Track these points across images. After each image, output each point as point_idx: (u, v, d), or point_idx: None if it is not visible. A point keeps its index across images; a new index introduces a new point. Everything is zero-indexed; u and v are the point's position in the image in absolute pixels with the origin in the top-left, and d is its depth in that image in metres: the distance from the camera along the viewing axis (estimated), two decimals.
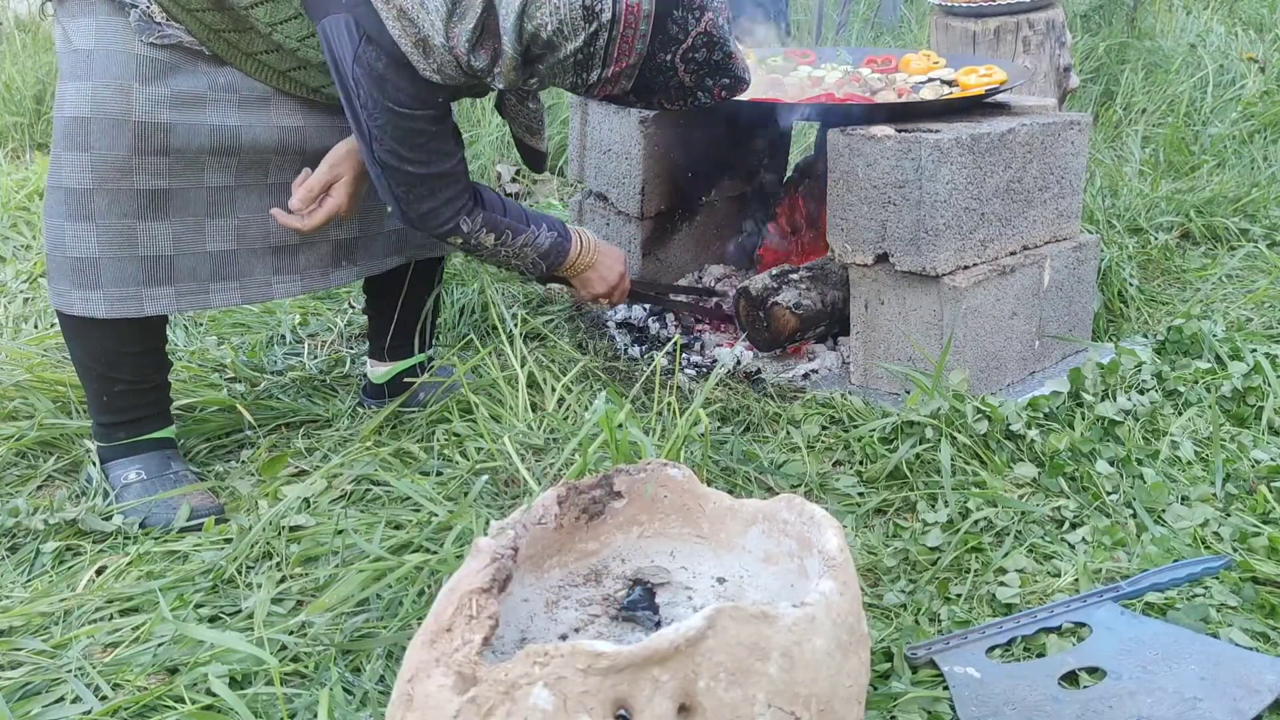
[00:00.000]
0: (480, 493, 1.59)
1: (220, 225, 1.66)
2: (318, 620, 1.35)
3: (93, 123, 1.54)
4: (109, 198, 1.57)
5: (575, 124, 2.44)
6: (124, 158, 1.55)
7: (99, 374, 1.67)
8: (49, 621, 1.39)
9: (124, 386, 1.68)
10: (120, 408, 1.69)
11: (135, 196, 1.58)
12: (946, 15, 3.29)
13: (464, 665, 0.87)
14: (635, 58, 1.53)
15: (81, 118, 1.54)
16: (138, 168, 1.56)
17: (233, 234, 1.67)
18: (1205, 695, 1.20)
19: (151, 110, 1.55)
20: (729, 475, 1.66)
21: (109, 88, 1.53)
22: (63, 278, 1.60)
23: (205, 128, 1.58)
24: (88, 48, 1.54)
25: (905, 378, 1.94)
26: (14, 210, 3.14)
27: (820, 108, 2.14)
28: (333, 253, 1.78)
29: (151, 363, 1.71)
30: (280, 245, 1.72)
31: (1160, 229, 2.91)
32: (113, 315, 1.61)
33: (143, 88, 1.54)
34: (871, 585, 1.46)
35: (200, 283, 1.67)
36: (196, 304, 1.67)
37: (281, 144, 1.65)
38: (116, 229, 1.58)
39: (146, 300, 1.63)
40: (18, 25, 4.62)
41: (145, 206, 1.59)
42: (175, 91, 1.56)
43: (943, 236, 1.88)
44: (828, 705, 0.91)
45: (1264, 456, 1.71)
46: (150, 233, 1.61)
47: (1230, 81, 4.16)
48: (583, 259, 1.87)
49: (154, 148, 1.56)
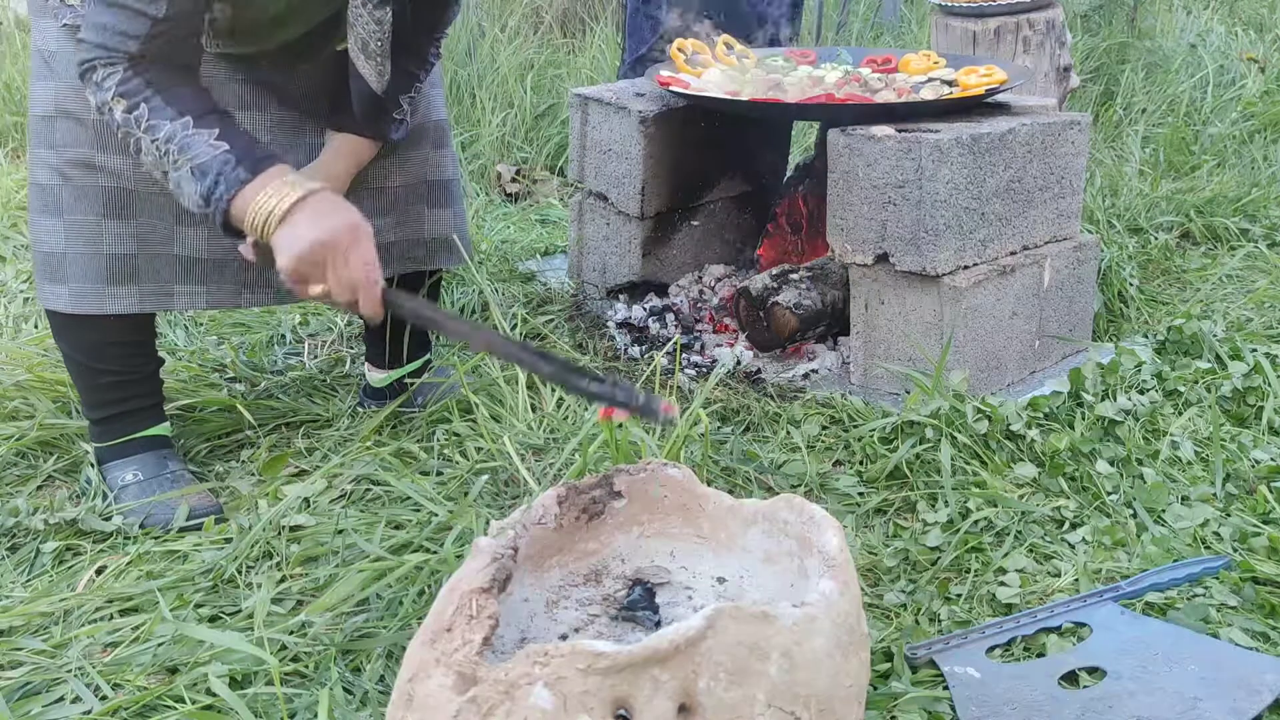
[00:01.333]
0: (480, 493, 1.59)
1: (190, 233, 1.65)
2: (318, 620, 1.35)
3: (56, 121, 1.57)
4: (74, 194, 1.59)
5: (575, 124, 2.44)
6: (86, 155, 1.57)
7: (84, 366, 1.69)
8: (49, 621, 1.39)
9: (110, 378, 1.69)
10: (109, 400, 1.70)
11: (100, 194, 1.60)
12: (946, 15, 3.29)
13: (464, 665, 0.87)
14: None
15: (47, 116, 1.58)
16: (100, 166, 1.58)
17: (203, 242, 1.66)
18: (1205, 695, 1.20)
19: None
20: (729, 475, 1.66)
21: (70, 87, 1.54)
22: (37, 271, 1.65)
23: None
24: (51, 49, 1.57)
25: (905, 378, 1.94)
26: (14, 210, 3.13)
27: (820, 108, 2.14)
28: None
29: (138, 354, 1.72)
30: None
31: (1160, 229, 2.91)
32: (76, 310, 1.62)
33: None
34: (871, 585, 1.46)
35: (164, 284, 1.67)
36: (160, 305, 1.67)
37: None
38: (81, 225, 1.60)
39: (108, 298, 1.63)
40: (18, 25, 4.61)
41: (109, 205, 1.60)
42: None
43: (943, 236, 1.88)
44: (828, 705, 0.91)
45: (1264, 456, 1.71)
46: (115, 231, 1.62)
47: (1230, 81, 4.15)
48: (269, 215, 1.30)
49: (115, 147, 1.57)
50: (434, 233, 1.83)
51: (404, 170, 1.77)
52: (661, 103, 2.29)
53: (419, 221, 1.81)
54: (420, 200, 1.80)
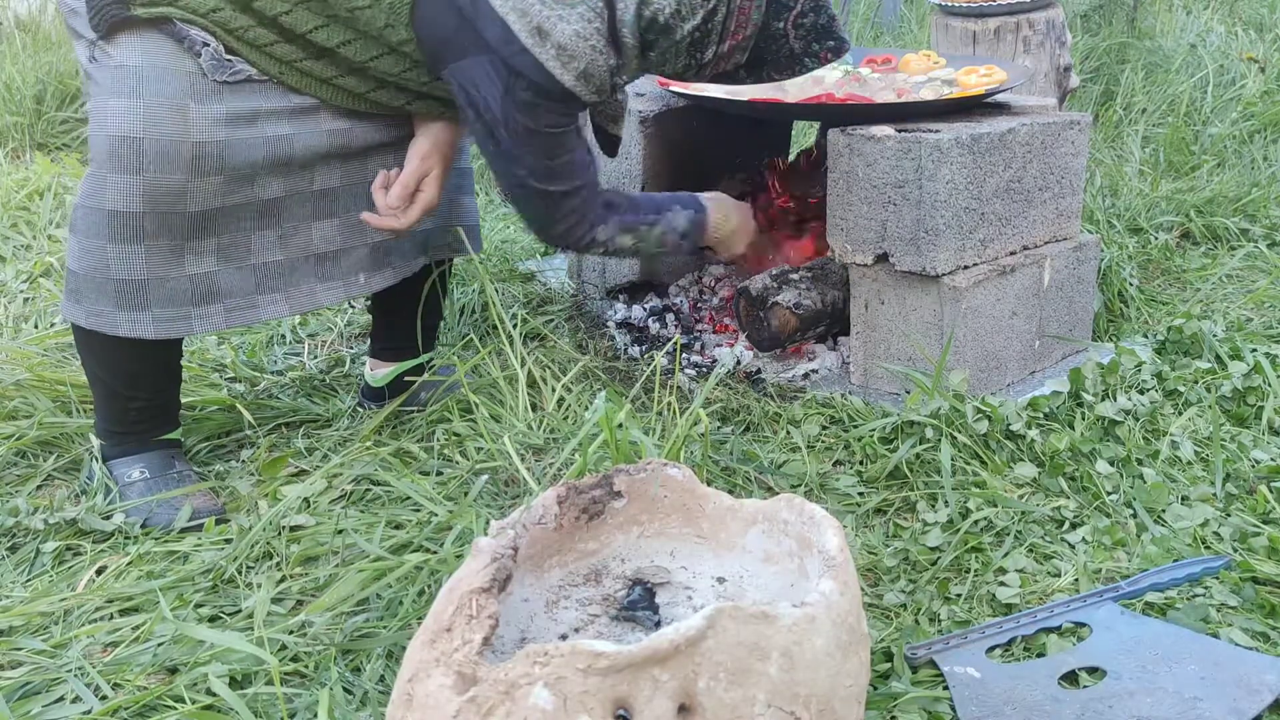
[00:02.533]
0: (480, 493, 1.59)
1: (266, 237, 1.63)
2: (318, 620, 1.35)
3: (145, 143, 1.48)
4: (159, 221, 1.52)
5: None
6: (179, 181, 1.51)
7: (116, 392, 1.66)
8: (49, 621, 1.39)
9: (141, 404, 1.67)
10: (133, 421, 1.68)
11: (187, 218, 1.54)
12: (946, 15, 3.29)
13: (464, 665, 0.87)
14: (751, 29, 1.52)
15: (132, 137, 1.48)
16: (193, 191, 1.52)
17: (277, 244, 1.65)
18: (1205, 695, 1.20)
19: (208, 130, 1.50)
20: (729, 475, 1.66)
21: (163, 106, 1.48)
22: (104, 299, 1.55)
23: (260, 140, 1.55)
24: (133, 64, 1.49)
25: (905, 378, 1.95)
26: (14, 210, 3.13)
27: (820, 108, 2.14)
28: (370, 256, 1.75)
29: (168, 381, 1.71)
30: (323, 252, 1.69)
31: (1160, 229, 2.91)
32: (161, 335, 1.59)
33: (199, 106, 1.50)
34: (871, 585, 1.46)
35: (246, 296, 1.64)
36: (245, 319, 1.65)
37: (330, 148, 1.63)
38: (165, 250, 1.55)
39: (196, 319, 1.60)
40: (18, 25, 4.61)
41: (196, 226, 1.56)
42: (230, 108, 1.52)
43: (943, 236, 1.88)
44: (828, 705, 0.91)
45: (1264, 456, 1.71)
46: (198, 250, 1.57)
47: (1230, 81, 4.15)
48: (723, 225, 1.87)
49: (210, 168, 1.52)
50: (462, 220, 1.87)
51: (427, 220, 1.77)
52: (661, 103, 2.29)
53: (451, 208, 1.84)
54: (454, 188, 1.83)
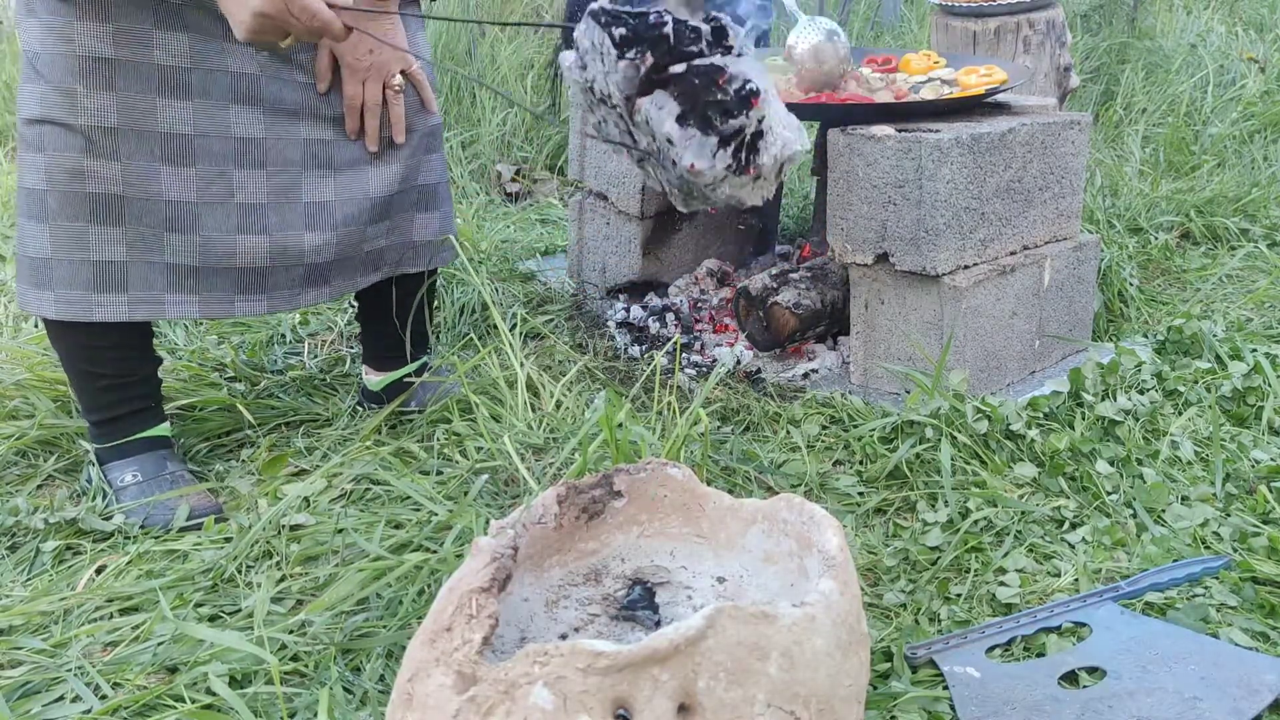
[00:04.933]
0: (480, 492, 1.59)
1: (182, 240, 1.63)
2: (318, 620, 1.34)
3: (44, 125, 1.55)
4: (61, 199, 1.57)
5: (575, 123, 2.44)
6: (75, 159, 1.55)
7: (81, 370, 1.68)
8: (49, 621, 1.39)
9: (107, 382, 1.68)
10: (107, 403, 1.69)
11: (87, 200, 1.58)
12: (946, 15, 3.29)
13: (464, 664, 0.87)
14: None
15: (35, 119, 1.55)
16: (89, 172, 1.56)
17: (195, 250, 1.65)
18: (1205, 695, 1.20)
19: (97, 115, 1.54)
20: (729, 475, 1.66)
21: (56, 91, 1.53)
22: (22, 276, 1.62)
23: (155, 136, 1.57)
24: (35, 50, 1.55)
25: (905, 377, 1.94)
26: (14, 210, 3.13)
27: (820, 107, 2.14)
28: (305, 276, 1.73)
29: (134, 358, 1.71)
30: (247, 267, 1.68)
31: (1160, 229, 2.91)
32: (60, 317, 1.61)
33: (87, 92, 1.53)
34: (871, 585, 1.46)
35: (155, 292, 1.65)
36: (150, 313, 1.65)
37: (239, 154, 1.63)
38: (68, 230, 1.58)
39: (95, 305, 1.61)
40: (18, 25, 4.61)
41: (98, 211, 1.58)
42: (122, 98, 1.55)
43: (943, 236, 1.88)
44: (827, 705, 0.91)
45: (1264, 456, 1.71)
46: (103, 237, 1.60)
47: (1230, 81, 4.16)
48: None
49: (104, 152, 1.56)
50: (424, 236, 1.83)
51: (397, 179, 1.76)
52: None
53: (410, 226, 1.81)
54: (411, 206, 1.81)
